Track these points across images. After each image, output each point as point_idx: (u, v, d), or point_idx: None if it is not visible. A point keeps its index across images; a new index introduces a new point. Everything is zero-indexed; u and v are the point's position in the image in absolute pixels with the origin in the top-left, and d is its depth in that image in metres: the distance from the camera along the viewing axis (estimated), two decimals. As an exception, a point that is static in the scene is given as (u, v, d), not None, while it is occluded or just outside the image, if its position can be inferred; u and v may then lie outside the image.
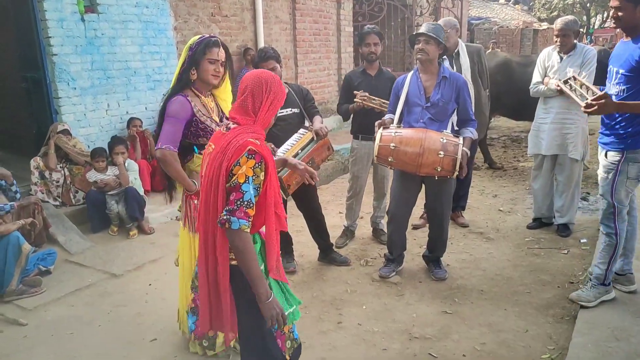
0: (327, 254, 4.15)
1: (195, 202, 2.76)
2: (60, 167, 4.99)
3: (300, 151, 3.49)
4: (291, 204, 3.99)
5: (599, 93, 2.90)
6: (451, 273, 3.88)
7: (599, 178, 3.16)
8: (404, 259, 4.00)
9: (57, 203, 4.94)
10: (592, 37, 25.07)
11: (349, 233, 4.56)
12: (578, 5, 28.59)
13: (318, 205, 4.03)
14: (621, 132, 2.95)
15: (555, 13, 29.19)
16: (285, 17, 8.10)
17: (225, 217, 1.80)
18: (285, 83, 3.78)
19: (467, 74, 4.31)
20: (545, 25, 22.88)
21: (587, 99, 3.01)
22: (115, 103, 5.70)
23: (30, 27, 5.08)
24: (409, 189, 3.72)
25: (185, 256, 2.84)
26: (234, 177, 1.81)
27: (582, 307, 3.13)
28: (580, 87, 3.43)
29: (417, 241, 4.47)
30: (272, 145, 3.51)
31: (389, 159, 3.44)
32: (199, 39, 2.69)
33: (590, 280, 3.25)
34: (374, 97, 4.02)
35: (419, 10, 10.73)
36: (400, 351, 2.95)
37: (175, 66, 2.97)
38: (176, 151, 2.63)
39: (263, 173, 1.86)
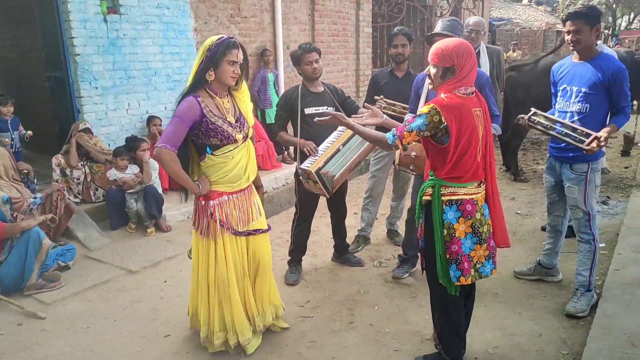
0: (342, 254, 4.16)
1: (207, 203, 2.77)
2: (81, 164, 5.09)
3: (341, 147, 3.53)
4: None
5: (593, 134, 2.98)
6: (465, 275, 3.84)
7: (567, 189, 3.31)
8: (418, 261, 3.98)
9: (78, 200, 5.05)
10: (618, 39, 24.48)
11: (361, 240, 4.49)
12: (604, 6, 27.96)
13: (345, 201, 4.07)
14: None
15: (579, 14, 28.54)
16: (304, 18, 8.12)
17: None
18: (322, 82, 3.83)
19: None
20: (569, 26, 22.40)
21: (574, 136, 3.10)
22: (136, 102, 5.79)
23: (54, 28, 5.20)
24: None
25: (195, 256, 2.88)
26: None
27: (579, 317, 3.21)
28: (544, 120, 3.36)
29: (431, 243, 4.43)
30: (313, 144, 3.55)
31: (410, 167, 3.38)
32: (217, 40, 2.63)
33: (577, 290, 3.32)
34: (394, 103, 3.98)
35: (439, 11, 10.62)
36: (411, 352, 2.94)
37: (195, 67, 3.01)
38: (175, 151, 2.58)
39: None
